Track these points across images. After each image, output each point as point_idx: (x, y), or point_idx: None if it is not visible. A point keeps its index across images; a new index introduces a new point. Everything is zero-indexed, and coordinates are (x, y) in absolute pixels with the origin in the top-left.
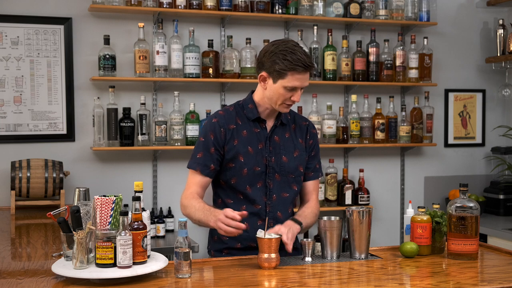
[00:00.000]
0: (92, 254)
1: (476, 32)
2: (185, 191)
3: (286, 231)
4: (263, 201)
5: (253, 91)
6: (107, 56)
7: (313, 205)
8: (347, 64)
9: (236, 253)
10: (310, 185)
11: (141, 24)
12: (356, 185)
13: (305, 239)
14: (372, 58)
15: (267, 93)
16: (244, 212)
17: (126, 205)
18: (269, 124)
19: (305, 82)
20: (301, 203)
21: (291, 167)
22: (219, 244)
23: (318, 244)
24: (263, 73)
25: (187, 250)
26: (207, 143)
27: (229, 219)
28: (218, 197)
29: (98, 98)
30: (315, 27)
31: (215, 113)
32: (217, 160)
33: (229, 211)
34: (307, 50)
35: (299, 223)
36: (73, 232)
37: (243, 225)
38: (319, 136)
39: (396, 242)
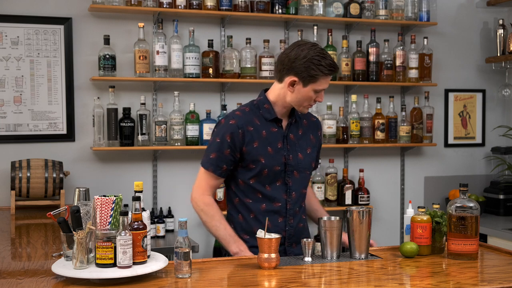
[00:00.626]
0: (92, 254)
1: (476, 32)
2: (199, 189)
3: None
4: (283, 198)
5: (265, 90)
6: (107, 56)
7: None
8: (347, 64)
9: (257, 251)
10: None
11: (141, 24)
12: (356, 185)
13: (305, 239)
14: (372, 58)
15: (294, 96)
16: None
17: (126, 205)
18: (284, 122)
19: (328, 83)
20: None
21: (306, 164)
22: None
23: (319, 244)
24: (294, 78)
25: (187, 250)
26: (222, 144)
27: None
28: (235, 196)
29: (98, 98)
30: (315, 27)
31: (231, 113)
32: (230, 161)
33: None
34: None
35: None
36: (73, 232)
37: None
38: None
39: (396, 242)
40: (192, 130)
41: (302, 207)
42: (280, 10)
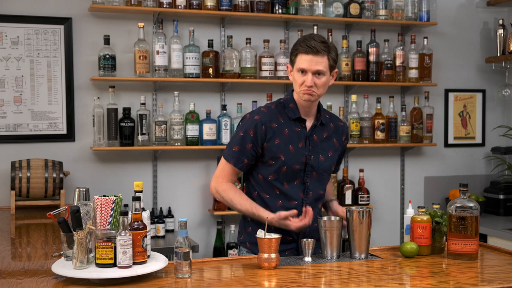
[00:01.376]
0: (92, 254)
1: (476, 32)
2: (218, 179)
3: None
4: (300, 197)
5: (293, 90)
6: (107, 56)
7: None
8: (347, 64)
9: None
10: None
11: (141, 24)
12: (356, 185)
13: (305, 239)
14: (372, 58)
15: (293, 82)
16: (295, 211)
17: (126, 205)
18: (309, 123)
19: (314, 66)
20: None
21: (326, 166)
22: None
23: None
24: (288, 64)
25: (187, 250)
26: (245, 138)
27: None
28: (254, 190)
29: (98, 98)
30: (315, 27)
31: (257, 109)
32: (252, 156)
33: (283, 214)
34: None
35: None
36: (73, 232)
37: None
38: None
39: (396, 242)
40: (192, 130)
41: (318, 208)
42: (280, 10)
